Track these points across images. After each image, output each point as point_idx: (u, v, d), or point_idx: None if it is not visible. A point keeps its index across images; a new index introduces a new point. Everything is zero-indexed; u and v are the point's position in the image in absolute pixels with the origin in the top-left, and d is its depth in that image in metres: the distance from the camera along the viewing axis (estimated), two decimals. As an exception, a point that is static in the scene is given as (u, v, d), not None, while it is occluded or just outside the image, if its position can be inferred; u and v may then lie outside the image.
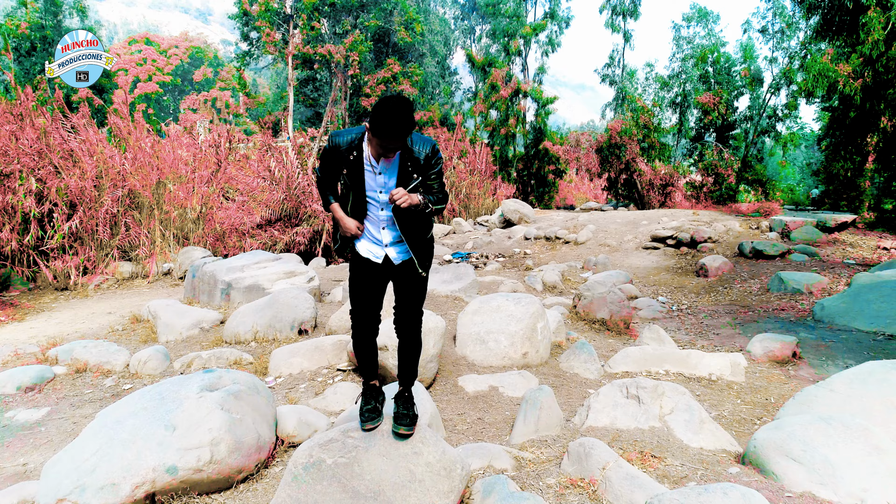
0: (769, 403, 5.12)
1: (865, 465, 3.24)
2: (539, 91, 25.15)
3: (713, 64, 22.35)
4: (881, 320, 7.12)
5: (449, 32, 46.59)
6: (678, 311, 9.16)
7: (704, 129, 22.60)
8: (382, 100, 2.42)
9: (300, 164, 17.74)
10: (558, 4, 25.75)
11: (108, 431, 3.38)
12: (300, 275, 9.12)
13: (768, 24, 20.84)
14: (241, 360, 5.85)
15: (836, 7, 13.62)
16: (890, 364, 4.21)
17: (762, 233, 13.25)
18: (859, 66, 12.95)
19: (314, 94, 42.48)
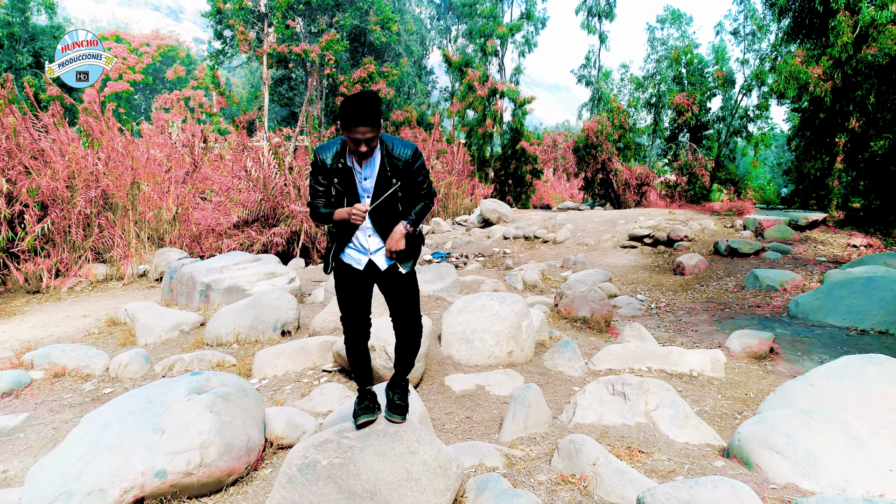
0: (749, 398, 5.23)
1: (846, 457, 3.33)
2: (516, 91, 25.28)
3: (686, 65, 22.69)
4: (853, 316, 7.31)
5: (425, 32, 46.61)
6: (657, 308, 9.30)
7: (678, 129, 22.92)
8: (344, 98, 2.48)
9: (278, 163, 17.57)
10: (534, 5, 25.91)
11: (94, 436, 3.33)
12: (280, 276, 9.04)
13: (740, 27, 21.22)
14: (224, 362, 5.79)
15: (806, 10, 13.95)
16: (865, 358, 4.34)
17: (737, 231, 13.51)
18: (829, 68, 13.29)
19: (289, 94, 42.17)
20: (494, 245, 14.97)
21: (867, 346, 6.47)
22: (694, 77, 22.65)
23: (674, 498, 2.64)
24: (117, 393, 5.23)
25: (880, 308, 7.24)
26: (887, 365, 4.22)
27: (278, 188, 17.33)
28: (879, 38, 11.64)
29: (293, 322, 6.73)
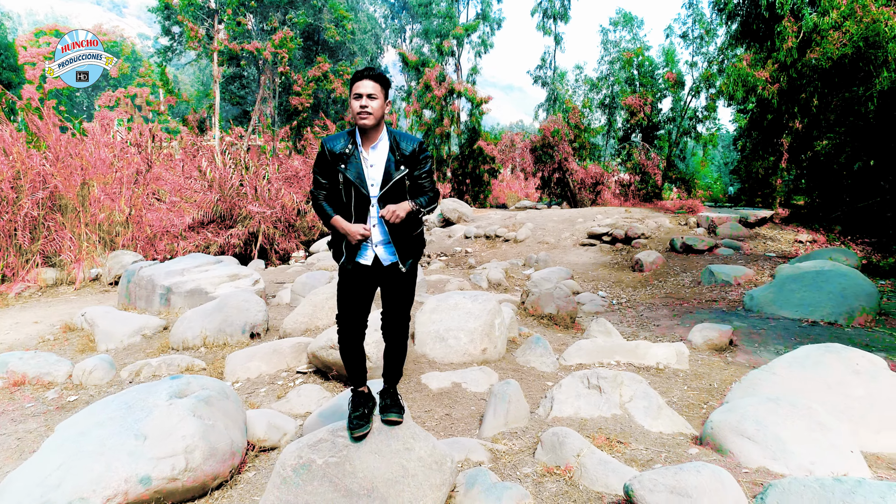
0: (713, 388, 5.44)
1: (811, 441, 3.52)
2: (473, 92, 25.46)
3: (638, 67, 23.32)
4: (804, 308, 7.69)
5: (379, 31, 46.39)
6: (618, 304, 9.54)
7: (631, 129, 23.53)
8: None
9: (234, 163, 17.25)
10: (490, 6, 26.16)
11: (71, 444, 3.23)
12: (244, 277, 8.90)
13: (688, 30, 21.95)
14: (193, 366, 5.68)
15: (753, 15, 14.54)
16: (823, 348, 4.58)
17: (691, 228, 13.97)
18: (775, 71, 13.90)
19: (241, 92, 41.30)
20: (456, 244, 15.06)
21: (819, 337, 6.81)
22: (645, 79, 23.30)
23: (660, 484, 2.74)
24: (83, 400, 5.07)
25: (829, 300, 7.63)
26: (843, 353, 4.47)
27: (235, 188, 17.04)
28: (822, 44, 12.26)
29: (262, 324, 6.65)
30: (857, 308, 7.48)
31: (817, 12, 12.66)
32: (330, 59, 36.57)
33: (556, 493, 3.18)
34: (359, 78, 2.67)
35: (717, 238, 12.82)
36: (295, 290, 8.33)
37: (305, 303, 6.48)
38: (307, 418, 4.18)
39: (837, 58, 11.86)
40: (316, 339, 5.20)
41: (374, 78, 2.68)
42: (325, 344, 5.00)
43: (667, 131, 23.58)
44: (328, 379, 5.12)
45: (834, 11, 12.07)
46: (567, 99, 24.23)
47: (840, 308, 7.50)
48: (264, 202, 17.40)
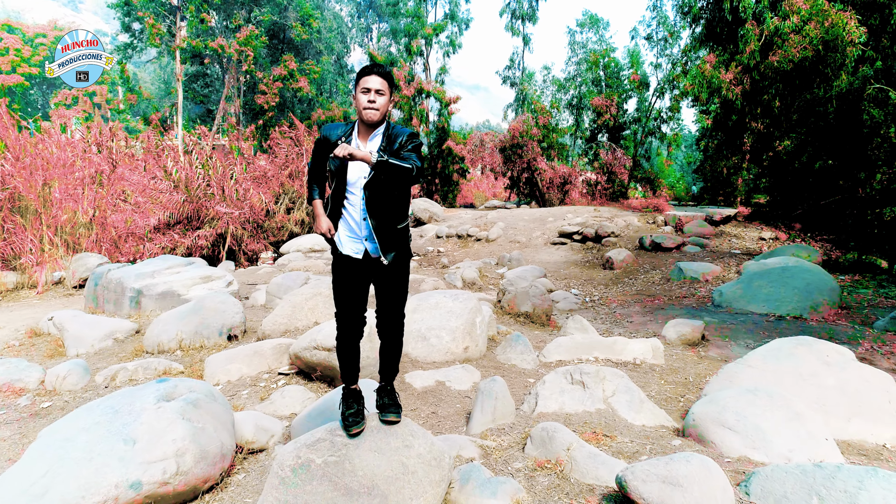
0: (689, 382, 5.59)
1: (789, 430, 3.66)
2: (441, 91, 25.52)
3: (604, 68, 23.72)
4: (771, 303, 7.95)
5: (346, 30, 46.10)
6: (591, 302, 9.71)
7: (598, 129, 23.92)
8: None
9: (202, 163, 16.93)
10: (458, 6, 26.25)
11: (56, 450, 3.16)
12: (217, 279, 8.77)
13: (653, 32, 22.41)
14: (171, 369, 5.59)
15: (717, 19, 14.94)
16: (795, 340, 4.76)
17: (658, 227, 14.28)
18: (739, 73, 14.31)
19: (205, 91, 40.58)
20: (428, 244, 15.09)
21: (786, 331, 7.05)
22: (611, 80, 23.70)
23: (652, 474, 2.83)
24: (57, 406, 4.95)
25: (794, 295, 7.91)
26: (814, 346, 4.66)
27: (202, 189, 16.74)
28: (784, 47, 12.67)
29: (240, 326, 6.57)
30: (820, 302, 7.77)
31: (778, 16, 13.09)
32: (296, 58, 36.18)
33: (549, 486, 3.24)
34: (367, 73, 2.71)
35: (685, 236, 13.14)
36: (270, 291, 8.25)
37: (284, 304, 6.43)
38: (294, 419, 4.16)
39: (798, 60, 12.30)
40: (298, 340, 5.17)
41: (383, 75, 2.72)
42: (308, 344, 4.98)
43: (632, 131, 24.04)
44: (312, 380, 5.10)
45: (794, 16, 12.49)
46: (535, 99, 24.47)
47: (805, 303, 7.78)
48: (232, 203, 17.15)
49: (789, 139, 13.22)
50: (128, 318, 7.86)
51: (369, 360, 4.66)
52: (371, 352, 4.66)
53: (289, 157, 20.72)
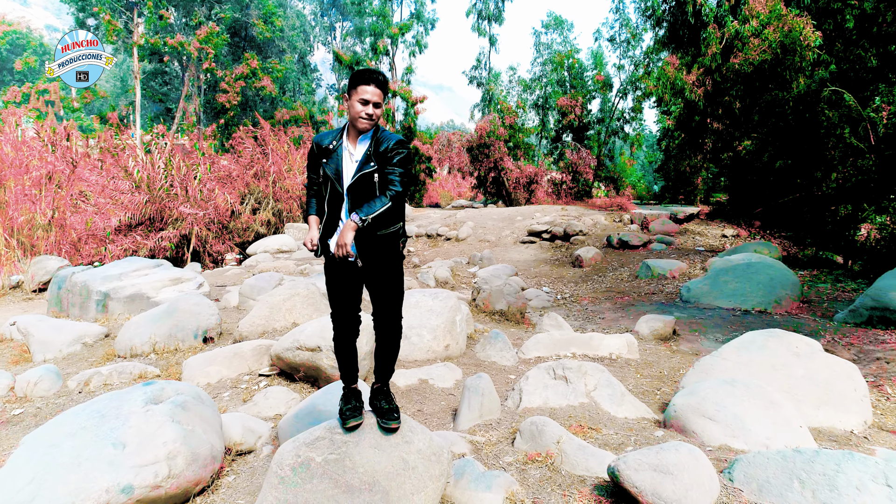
0: (664, 375, 5.75)
1: (766, 418, 3.81)
2: (408, 91, 25.50)
3: (569, 69, 24.05)
4: (737, 298, 8.22)
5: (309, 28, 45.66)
6: (563, 299, 9.86)
7: (563, 130, 24.23)
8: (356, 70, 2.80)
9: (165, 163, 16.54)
10: (423, 6, 26.26)
11: (41, 457, 3.09)
12: (188, 281, 8.62)
13: (616, 34, 22.82)
14: (147, 373, 5.48)
15: (680, 22, 15.34)
16: (766, 333, 4.95)
17: (625, 225, 14.58)
18: (701, 75, 14.72)
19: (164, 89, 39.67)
20: (398, 244, 15.07)
21: (752, 324, 7.30)
22: (576, 80, 24.05)
23: (644, 463, 2.92)
24: (30, 413, 4.81)
25: (759, 290, 8.19)
26: (784, 338, 4.85)
27: (165, 189, 16.37)
28: (744, 50, 13.09)
29: (216, 328, 6.48)
30: (783, 296, 8.07)
31: (739, 20, 13.52)
32: (258, 56, 35.65)
33: (541, 478, 3.31)
34: (366, 82, 2.67)
35: (650, 234, 13.45)
36: (244, 292, 8.14)
37: (261, 305, 6.37)
38: (281, 419, 4.13)
39: (758, 63, 12.73)
40: (280, 341, 5.14)
41: (381, 84, 2.71)
42: (290, 345, 4.95)
43: (596, 131, 24.45)
44: (294, 380, 5.07)
45: (754, 20, 12.92)
46: (501, 99, 24.67)
47: (769, 297, 8.07)
48: (196, 203, 16.82)
49: (750, 139, 13.67)
50: (95, 322, 7.66)
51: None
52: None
53: (254, 156, 20.43)
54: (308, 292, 6.55)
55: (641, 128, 25.26)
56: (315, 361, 4.78)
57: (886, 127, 10.18)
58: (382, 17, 25.71)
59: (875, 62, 11.82)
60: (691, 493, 2.85)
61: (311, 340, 4.83)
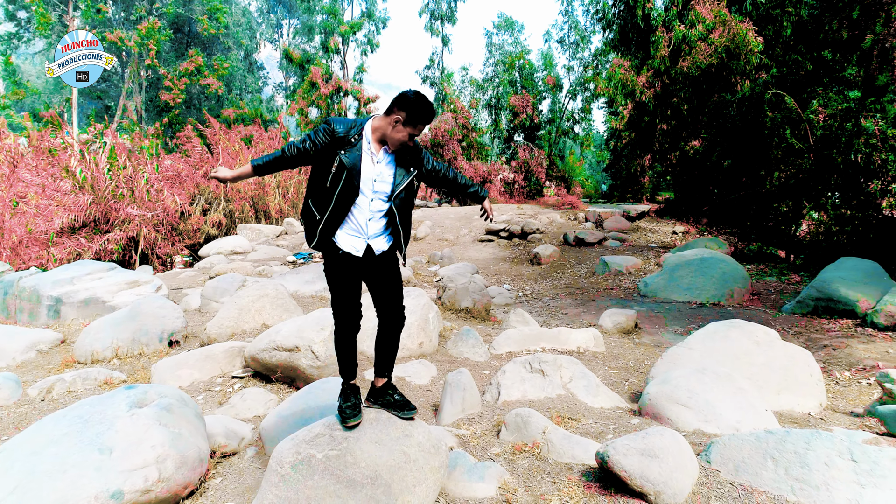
0: (630, 367, 5.96)
1: (734, 403, 4.02)
2: (360, 90, 25.34)
3: (520, 70, 24.39)
4: (692, 292, 8.56)
5: (255, 25, 44.74)
6: (524, 296, 10.04)
7: (515, 129, 24.56)
8: (416, 93, 2.73)
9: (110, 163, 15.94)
10: (374, 4, 26.15)
11: (23, 465, 2.99)
12: (145, 284, 8.38)
13: (565, 36, 23.30)
14: (113, 378, 5.32)
15: (629, 25, 15.82)
16: (728, 323, 5.21)
17: (580, 223, 14.92)
18: (651, 77, 15.22)
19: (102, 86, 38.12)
20: (355, 243, 14.99)
21: (707, 316, 7.63)
22: (527, 81, 24.43)
23: (632, 448, 3.05)
24: (-11, 423, 4.60)
25: (713, 284, 8.57)
26: (745, 328, 5.11)
27: (110, 190, 15.79)
28: (692, 53, 13.62)
29: (181, 331, 6.33)
30: (735, 290, 8.47)
31: (686, 24, 14.06)
32: (203, 53, 34.71)
33: (529, 468, 3.41)
34: (428, 121, 2.77)
35: (605, 231, 13.83)
36: (206, 294, 7.97)
37: (230, 306, 6.26)
38: (264, 420, 4.10)
39: (706, 67, 13.27)
40: (255, 342, 5.08)
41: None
42: (266, 346, 4.90)
43: (547, 132, 24.89)
44: (271, 381, 5.02)
45: (700, 25, 13.47)
46: (455, 99, 24.82)
47: (722, 290, 8.45)
48: (144, 204, 16.30)
49: (699, 139, 14.24)
50: (48, 328, 7.37)
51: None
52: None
53: (203, 156, 19.93)
54: (277, 293, 6.48)
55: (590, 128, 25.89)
56: (293, 362, 4.76)
57: (823, 129, 10.81)
58: (333, 15, 25.46)
59: (810, 67, 12.52)
60: (676, 475, 3.00)
61: (288, 341, 4.80)
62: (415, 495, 2.77)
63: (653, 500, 2.96)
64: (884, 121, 10.32)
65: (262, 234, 17.51)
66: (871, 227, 10.93)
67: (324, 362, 4.75)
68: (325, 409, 3.99)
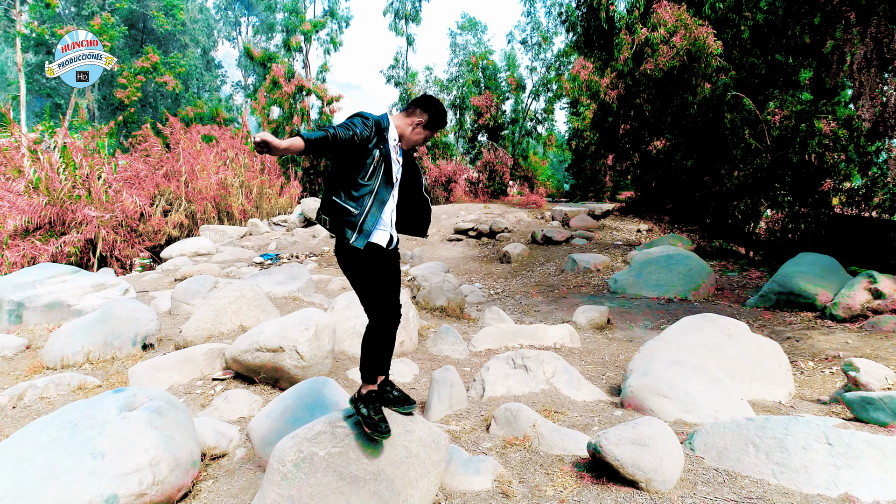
0: (606, 361, 6.11)
1: (712, 393, 4.18)
2: (323, 90, 25.11)
3: (483, 70, 24.57)
4: (660, 288, 8.80)
5: (213, 22, 43.86)
6: (496, 294, 10.15)
7: (479, 130, 24.73)
8: (435, 100, 2.86)
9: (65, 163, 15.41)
10: (337, 3, 25.94)
11: (12, 472, 2.92)
12: (112, 287, 8.17)
13: (528, 37, 23.57)
14: (87, 384, 5.19)
15: (593, 28, 16.12)
16: (701, 317, 5.39)
17: (547, 222, 15.14)
18: (614, 79, 15.54)
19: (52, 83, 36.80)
20: (323, 244, 14.89)
21: (676, 311, 7.86)
22: (490, 81, 24.63)
23: (623, 438, 3.15)
24: (-41, 432, 4.44)
25: (679, 280, 8.83)
26: (717, 321, 5.30)
27: (67, 191, 15.31)
28: (655, 56, 13.97)
29: (155, 334, 6.21)
30: (701, 285, 8.75)
31: (648, 27, 14.41)
32: (159, 51, 33.86)
33: (522, 460, 3.48)
34: (444, 126, 2.94)
35: (571, 230, 14.06)
36: (177, 297, 7.81)
37: (206, 308, 6.16)
38: (252, 420, 4.06)
39: (668, 69, 13.63)
40: (236, 343, 5.02)
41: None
42: (248, 347, 4.86)
43: (510, 131, 25.14)
44: (254, 383, 4.97)
45: (662, 28, 13.82)
46: (420, 99, 24.73)
47: (689, 286, 8.71)
48: (102, 205, 15.86)
49: (662, 139, 14.62)
50: (10, 334, 7.11)
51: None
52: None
53: (163, 156, 19.47)
54: (254, 294, 6.41)
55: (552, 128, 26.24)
56: (277, 362, 4.73)
57: (779, 129, 11.25)
58: (295, 13, 25.15)
59: (764, 70, 13.01)
60: (665, 463, 3.12)
61: (271, 341, 4.76)
62: (417, 489, 2.81)
63: (644, 487, 3.07)
64: (835, 122, 10.81)
65: (227, 235, 17.22)
66: (824, 225, 11.43)
67: (309, 362, 4.73)
68: (315, 409, 4.00)
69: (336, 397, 4.15)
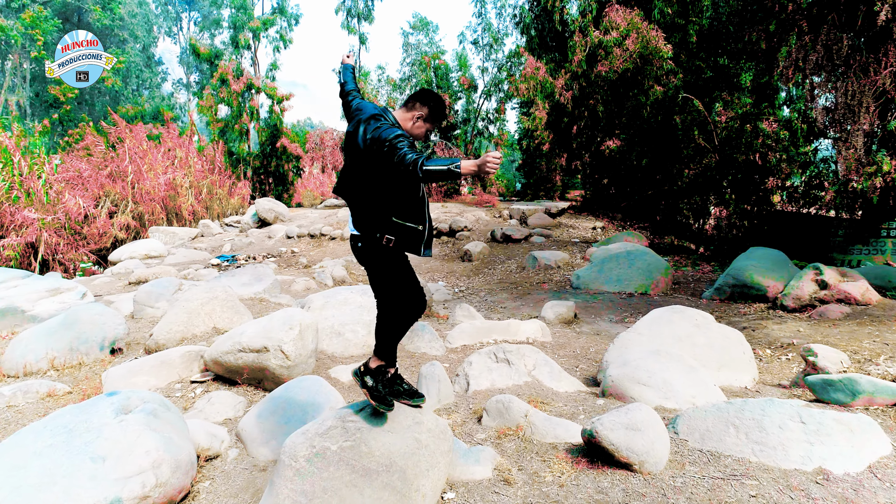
0: (578, 354, 6.31)
1: (688, 380, 4.40)
2: (273, 88, 24.67)
3: (435, 70, 24.68)
4: (621, 283, 9.12)
5: (152, 17, 42.40)
6: (460, 292, 10.27)
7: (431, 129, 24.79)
8: (434, 93, 2.84)
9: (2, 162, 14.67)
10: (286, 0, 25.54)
11: (7, 480, 2.84)
12: (68, 291, 7.88)
13: (479, 38, 23.81)
14: (56, 390, 5.02)
15: (547, 30, 16.46)
16: (671, 309, 5.65)
17: (505, 220, 15.37)
18: (569, 80, 15.92)
19: (-22, 79, 34.81)
20: (280, 245, 14.69)
21: (638, 305, 8.17)
22: (442, 81, 24.75)
23: (617, 423, 3.31)
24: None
25: (639, 275, 9.16)
26: (685, 313, 5.57)
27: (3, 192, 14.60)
28: (608, 58, 14.40)
29: (124, 338, 6.04)
30: (659, 279, 9.11)
31: (601, 30, 14.84)
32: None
33: (517, 449, 3.60)
34: (444, 119, 2.93)
35: (530, 228, 14.34)
36: (139, 300, 7.59)
37: (178, 310, 6.03)
38: (242, 421, 4.06)
39: (622, 71, 14.08)
40: (217, 345, 4.96)
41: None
42: (230, 348, 4.81)
43: (462, 131, 25.34)
44: (235, 384, 4.92)
45: (614, 31, 14.27)
46: (373, 98, 24.71)
47: (648, 280, 9.06)
48: (43, 207, 15.20)
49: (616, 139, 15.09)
50: (-43, 342, 6.78)
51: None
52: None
53: (107, 155, 18.75)
54: (226, 296, 6.32)
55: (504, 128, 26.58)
56: (261, 363, 4.70)
57: (726, 129, 11.82)
58: (243, 10, 24.61)
59: (710, 73, 13.63)
60: (656, 446, 3.29)
61: (254, 342, 4.73)
62: (428, 479, 2.88)
63: (637, 469, 3.23)
64: (777, 123, 11.43)
65: (177, 236, 16.73)
66: (766, 221, 12.06)
67: (294, 362, 4.72)
68: (307, 407, 4.02)
69: (328, 395, 4.18)
